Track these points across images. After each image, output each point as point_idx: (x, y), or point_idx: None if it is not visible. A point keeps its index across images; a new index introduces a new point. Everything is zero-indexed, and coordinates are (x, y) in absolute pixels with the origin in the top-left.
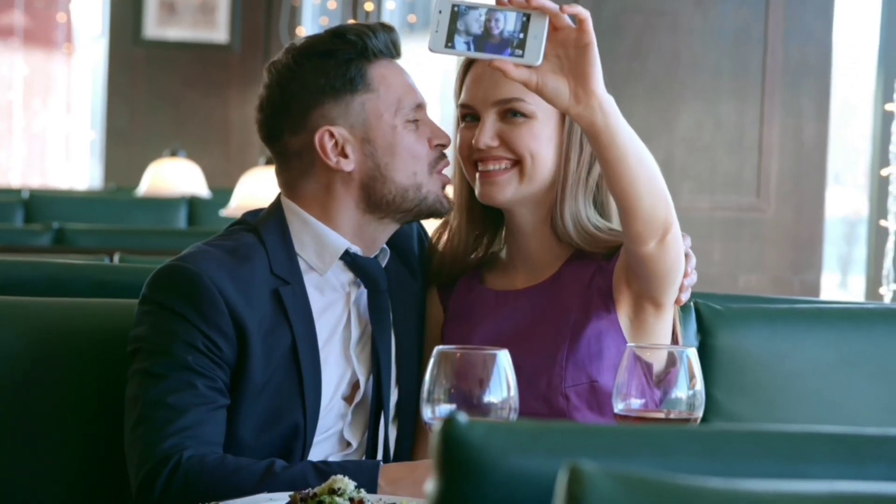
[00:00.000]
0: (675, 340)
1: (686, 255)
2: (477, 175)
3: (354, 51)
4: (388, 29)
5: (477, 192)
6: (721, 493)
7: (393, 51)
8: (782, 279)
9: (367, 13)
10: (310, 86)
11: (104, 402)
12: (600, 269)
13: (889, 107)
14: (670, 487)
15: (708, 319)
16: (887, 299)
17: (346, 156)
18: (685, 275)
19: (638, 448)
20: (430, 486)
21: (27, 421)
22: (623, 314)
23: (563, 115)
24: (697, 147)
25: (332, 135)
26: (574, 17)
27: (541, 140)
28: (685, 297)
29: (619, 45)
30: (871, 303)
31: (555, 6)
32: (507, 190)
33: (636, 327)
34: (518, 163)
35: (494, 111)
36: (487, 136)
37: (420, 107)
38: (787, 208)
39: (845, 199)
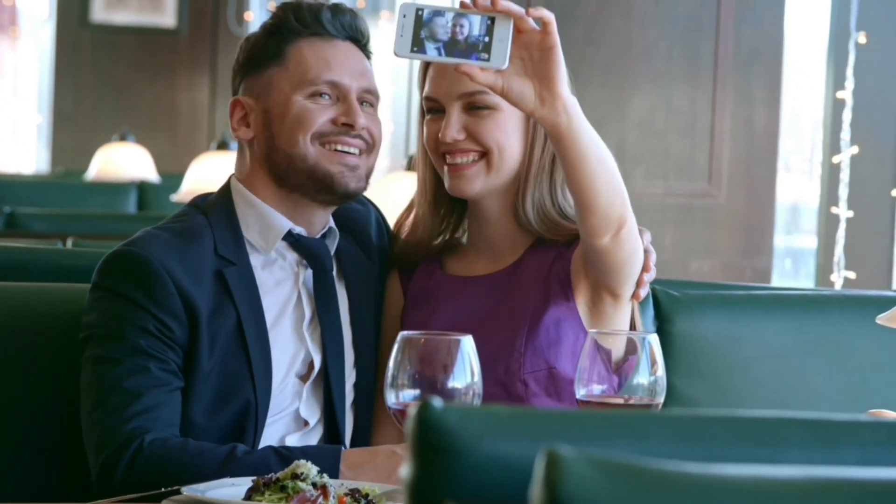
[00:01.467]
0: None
1: (646, 251)
2: (445, 168)
3: (276, 25)
4: (336, 10)
5: (447, 184)
6: (698, 477)
7: (333, 29)
8: (734, 265)
9: None
10: (243, 58)
11: (60, 386)
12: (560, 256)
13: (840, 94)
14: (648, 472)
15: (665, 306)
16: (838, 286)
17: (248, 125)
18: (645, 269)
19: (614, 433)
20: (403, 469)
21: None
22: (581, 302)
23: None
24: (650, 133)
25: (242, 106)
26: (539, 20)
27: (506, 131)
28: (643, 292)
29: (572, 31)
30: (825, 289)
31: (519, 9)
32: (476, 182)
33: (594, 316)
34: (485, 155)
35: (459, 104)
36: (454, 129)
37: (335, 84)
38: (738, 194)
39: (795, 185)
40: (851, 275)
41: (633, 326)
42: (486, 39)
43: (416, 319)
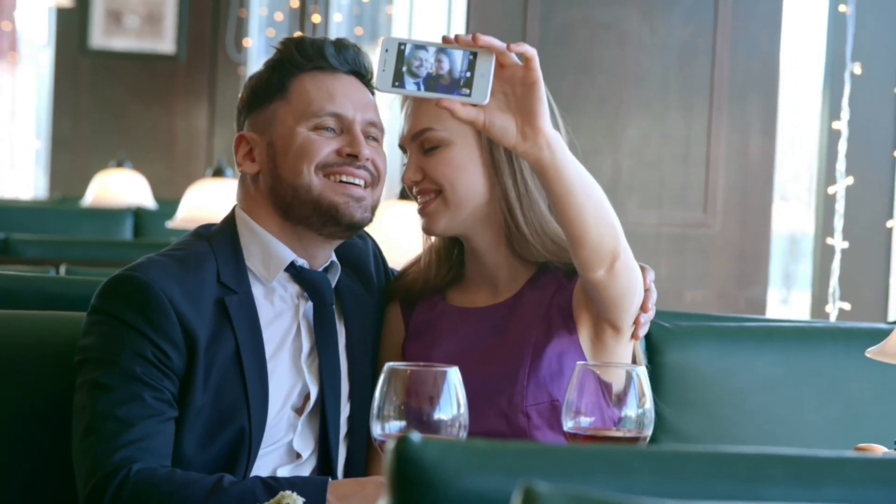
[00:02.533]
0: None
1: (647, 291)
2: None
3: (279, 60)
4: (340, 44)
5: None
6: None
7: (336, 63)
8: (728, 295)
9: (315, 25)
10: (247, 94)
11: (50, 415)
12: (561, 288)
13: (836, 125)
14: None
15: (656, 337)
16: (833, 317)
17: (253, 160)
18: (644, 310)
19: (594, 468)
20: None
21: None
22: (584, 334)
23: (477, 135)
24: (644, 161)
25: (247, 141)
26: (521, 56)
27: (457, 166)
28: (641, 332)
29: (565, 58)
30: (818, 321)
31: (501, 44)
32: (440, 220)
33: (597, 348)
34: (441, 192)
35: (414, 145)
36: (411, 170)
37: (338, 117)
38: (733, 224)
39: (790, 215)
40: (846, 306)
41: (634, 360)
42: (468, 75)
43: (418, 350)
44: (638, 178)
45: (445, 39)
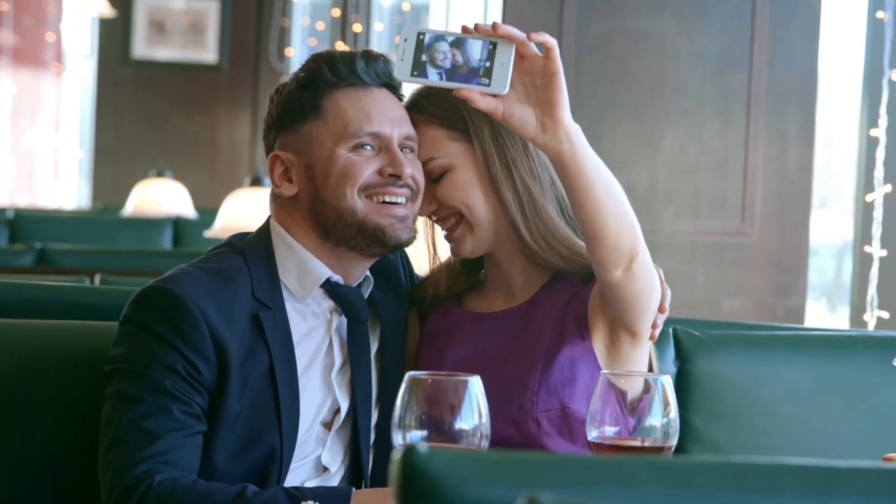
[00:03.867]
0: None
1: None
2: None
3: (310, 78)
4: (369, 57)
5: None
6: None
7: (368, 78)
8: (766, 304)
9: (356, 35)
10: (276, 113)
11: (82, 426)
12: (576, 295)
13: (874, 132)
14: None
15: (686, 346)
16: (871, 326)
17: (290, 181)
18: (660, 310)
19: (602, 479)
20: None
21: (4, 442)
22: (599, 341)
23: (473, 154)
24: (681, 170)
25: (282, 161)
26: (541, 46)
27: (464, 187)
28: (658, 332)
29: (602, 68)
30: (849, 330)
31: (521, 34)
32: (466, 243)
33: (612, 355)
34: (462, 215)
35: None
36: (425, 201)
37: (377, 136)
38: (771, 233)
39: (832, 223)
40: (885, 314)
41: (650, 368)
42: (488, 65)
43: (430, 355)
44: (675, 187)
45: (465, 29)
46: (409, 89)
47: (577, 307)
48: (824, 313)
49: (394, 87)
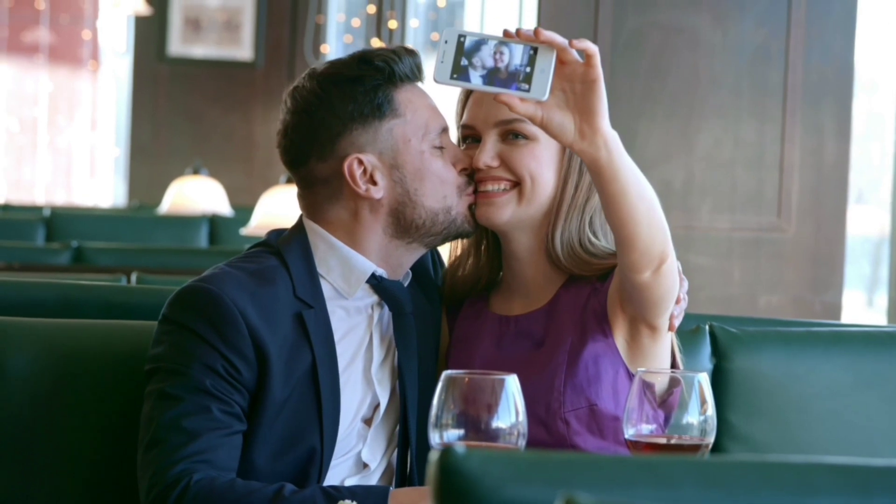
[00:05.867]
0: (674, 366)
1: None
2: (476, 196)
3: (382, 76)
4: (412, 53)
5: (476, 213)
6: None
7: (417, 75)
8: (803, 299)
9: (391, 31)
10: (338, 112)
11: (119, 425)
12: (595, 292)
13: None
14: None
15: (723, 342)
16: None
17: (375, 182)
18: (677, 300)
19: (637, 479)
20: None
21: (42, 443)
22: (619, 336)
23: None
24: (717, 165)
25: (360, 162)
26: (582, 52)
27: (541, 162)
28: (677, 322)
29: (638, 62)
30: (887, 326)
31: (563, 40)
32: (506, 211)
33: (633, 350)
34: (517, 184)
35: (496, 132)
36: (488, 155)
37: (445, 131)
38: (807, 227)
39: (870, 217)
40: None
41: (674, 362)
42: (528, 70)
43: (460, 358)
44: (710, 182)
45: (506, 33)
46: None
47: (596, 304)
48: (861, 308)
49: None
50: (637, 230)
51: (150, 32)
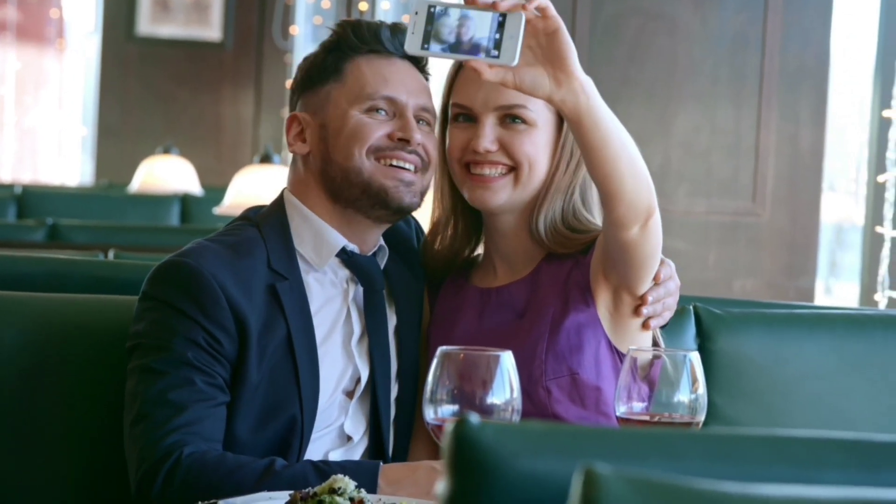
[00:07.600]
0: (656, 345)
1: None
2: (468, 178)
3: (335, 42)
4: (395, 28)
5: (468, 195)
6: (735, 497)
7: (392, 48)
8: (777, 284)
9: (361, 13)
10: (301, 75)
11: (102, 398)
12: (577, 264)
13: (886, 113)
14: (685, 491)
15: (707, 324)
16: (882, 306)
17: (304, 140)
18: (656, 280)
19: (650, 452)
20: (440, 486)
21: (25, 416)
22: (602, 307)
23: (559, 125)
24: (694, 151)
25: (298, 121)
26: (537, 9)
27: (539, 148)
28: (669, 314)
29: (616, 48)
30: (870, 308)
31: (516, 2)
32: (501, 195)
33: (616, 320)
34: (514, 169)
35: (495, 115)
36: (488, 140)
37: (392, 100)
38: (782, 213)
39: (837, 205)
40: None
41: (655, 341)
42: (497, 36)
43: (441, 332)
44: (687, 167)
45: (468, 1)
46: (444, 65)
47: (579, 276)
48: (820, 296)
49: (417, 62)
50: (622, 181)
51: (118, 11)
